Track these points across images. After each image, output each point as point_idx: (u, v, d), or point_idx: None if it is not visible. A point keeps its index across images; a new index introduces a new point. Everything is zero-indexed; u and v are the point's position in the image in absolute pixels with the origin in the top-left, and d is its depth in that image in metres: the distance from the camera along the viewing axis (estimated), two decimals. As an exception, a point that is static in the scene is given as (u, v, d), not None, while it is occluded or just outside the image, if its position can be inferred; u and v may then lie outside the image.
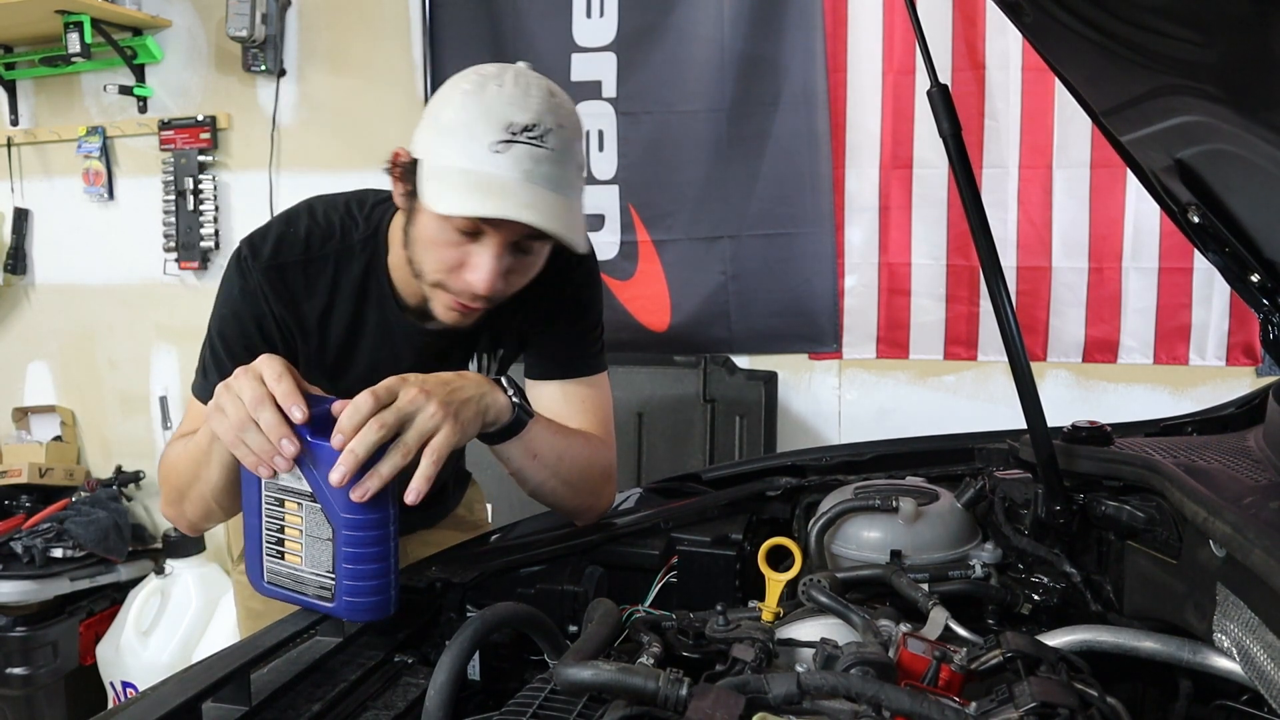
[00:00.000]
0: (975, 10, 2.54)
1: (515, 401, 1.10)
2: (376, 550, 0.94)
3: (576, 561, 1.15)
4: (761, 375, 2.71)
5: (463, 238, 1.11)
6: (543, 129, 1.07)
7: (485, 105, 1.07)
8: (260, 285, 1.20)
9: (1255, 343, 2.47)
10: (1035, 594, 1.08)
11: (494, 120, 1.06)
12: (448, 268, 1.13)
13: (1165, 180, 1.07)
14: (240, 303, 1.21)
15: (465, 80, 1.11)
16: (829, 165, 2.69)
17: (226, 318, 1.22)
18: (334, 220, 1.25)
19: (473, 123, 1.06)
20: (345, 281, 1.24)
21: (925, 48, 1.11)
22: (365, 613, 0.94)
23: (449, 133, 1.08)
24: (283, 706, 0.85)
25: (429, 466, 0.95)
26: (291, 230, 1.23)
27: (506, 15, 2.86)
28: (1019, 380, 1.06)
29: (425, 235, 1.13)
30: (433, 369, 1.31)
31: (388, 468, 0.92)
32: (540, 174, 1.07)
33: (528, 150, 1.06)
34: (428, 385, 0.99)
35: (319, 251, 1.23)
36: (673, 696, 0.69)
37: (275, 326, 1.22)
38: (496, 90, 1.08)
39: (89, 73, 3.33)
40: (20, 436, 3.56)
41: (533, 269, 1.18)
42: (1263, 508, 0.81)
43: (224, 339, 1.22)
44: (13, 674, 2.93)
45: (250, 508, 0.98)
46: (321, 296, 1.23)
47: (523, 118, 1.06)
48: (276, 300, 1.21)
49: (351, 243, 1.24)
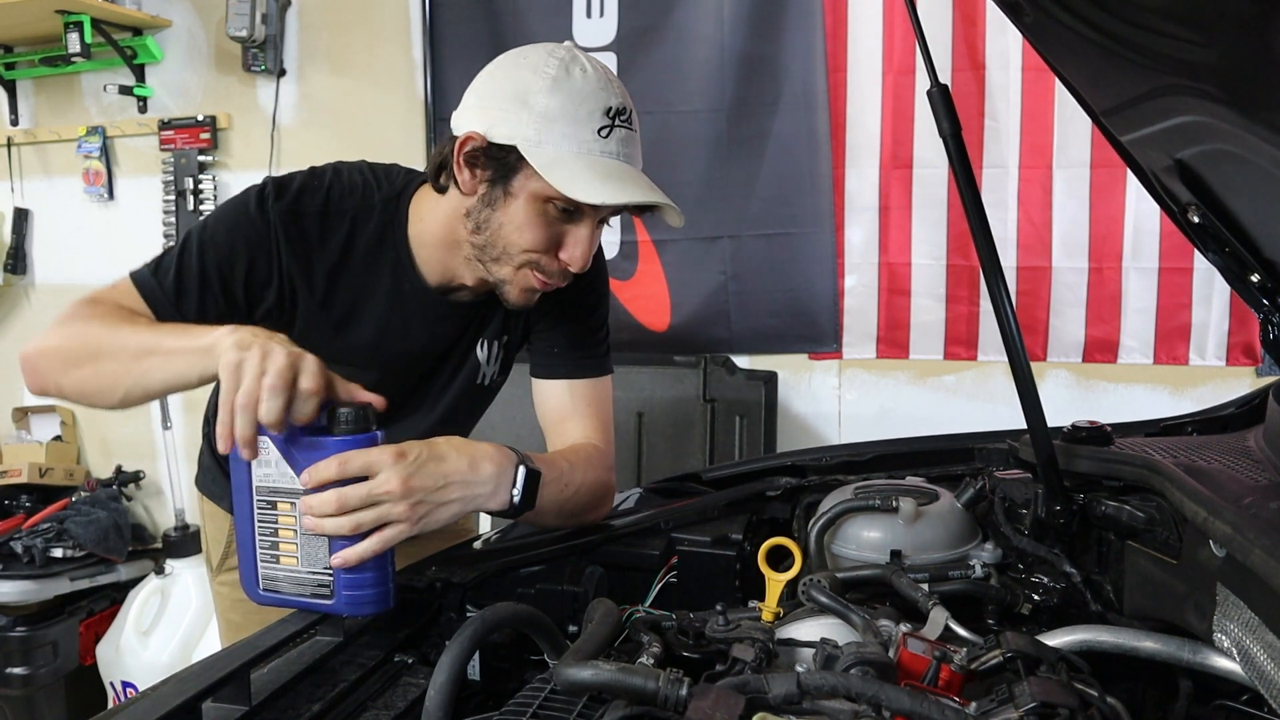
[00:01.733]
0: (975, 10, 2.54)
1: (517, 501, 1.08)
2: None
3: (576, 561, 1.15)
4: (761, 375, 2.71)
5: (562, 218, 1.15)
6: (628, 112, 1.14)
7: (580, 91, 1.11)
8: (275, 226, 1.18)
9: (1255, 343, 2.47)
10: (1035, 594, 1.08)
11: (594, 106, 1.11)
12: (544, 246, 1.16)
13: (1165, 180, 1.07)
14: (246, 231, 1.18)
15: (539, 67, 1.11)
16: (829, 165, 2.69)
17: (220, 236, 1.17)
18: (357, 180, 1.26)
19: (576, 108, 1.10)
20: (360, 240, 1.24)
21: (925, 48, 1.11)
22: (366, 606, 0.94)
23: (553, 120, 1.10)
24: (283, 706, 0.85)
25: (372, 544, 0.94)
26: (316, 182, 1.23)
27: (506, 15, 2.86)
28: (1019, 380, 1.06)
29: (519, 218, 1.15)
30: (442, 347, 1.33)
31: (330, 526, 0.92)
32: (633, 156, 1.14)
33: (625, 134, 1.13)
34: (413, 479, 0.96)
35: (338, 206, 1.23)
36: (673, 696, 0.69)
37: (273, 272, 1.19)
38: (581, 75, 1.12)
39: (89, 73, 3.34)
40: (20, 436, 3.56)
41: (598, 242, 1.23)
42: (1263, 508, 0.81)
43: (205, 252, 1.16)
44: (13, 674, 2.93)
45: (242, 516, 0.96)
46: (334, 252, 1.23)
47: (615, 102, 1.12)
48: (288, 246, 1.19)
49: (372, 202, 1.24)
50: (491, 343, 1.38)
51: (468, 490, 1.03)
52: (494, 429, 2.44)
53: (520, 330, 1.39)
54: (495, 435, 1.14)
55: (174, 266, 1.16)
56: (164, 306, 1.15)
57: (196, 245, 1.17)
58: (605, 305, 1.39)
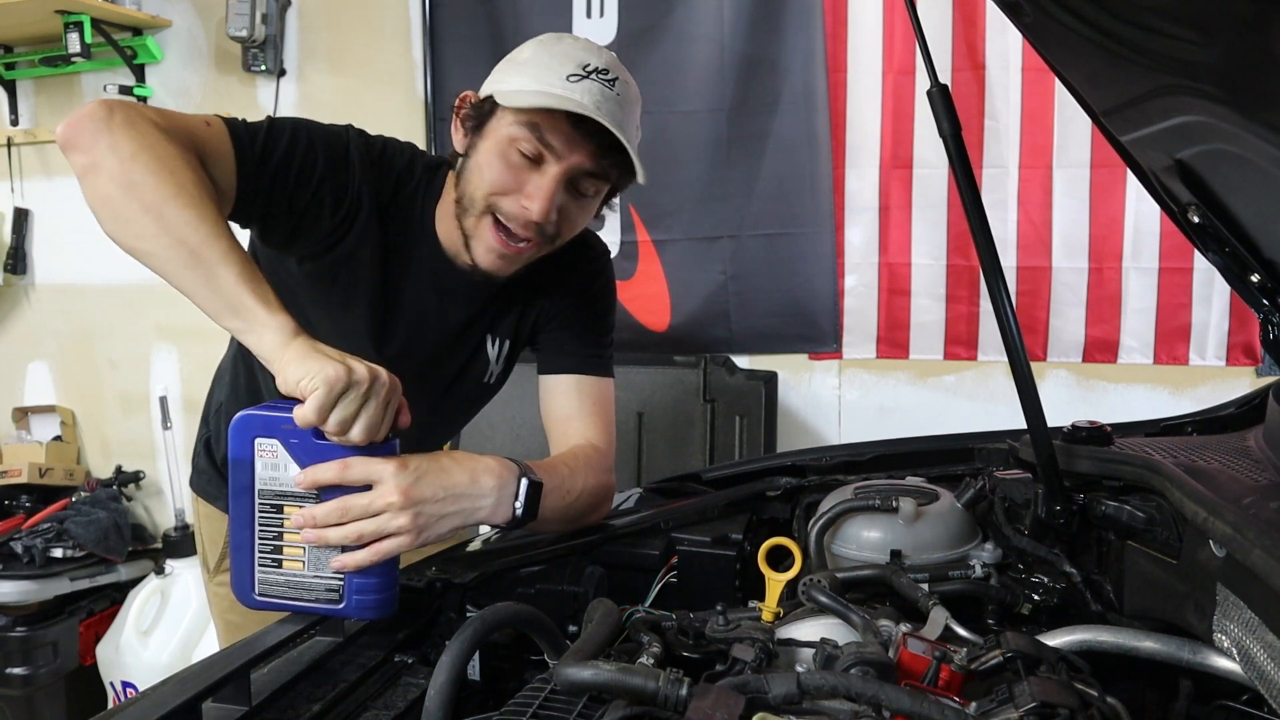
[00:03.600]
0: (975, 10, 2.54)
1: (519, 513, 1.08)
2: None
3: (576, 561, 1.15)
4: (761, 375, 2.71)
5: (525, 163, 1.16)
6: (612, 75, 1.16)
7: (562, 48, 1.17)
8: (355, 154, 1.21)
9: (1255, 343, 2.47)
10: (1035, 594, 1.08)
11: (569, 59, 1.14)
12: (505, 188, 1.17)
13: (1165, 180, 1.07)
14: (327, 137, 1.19)
15: (542, 37, 1.20)
16: (829, 165, 2.69)
17: (315, 134, 1.18)
18: (406, 147, 1.32)
19: (548, 58, 1.15)
20: (402, 194, 1.27)
21: (925, 48, 1.11)
22: (374, 610, 0.94)
23: (523, 66, 1.16)
24: (283, 706, 0.85)
25: (368, 554, 0.94)
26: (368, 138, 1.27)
27: (506, 15, 2.86)
28: (1019, 380, 1.06)
29: (485, 159, 1.17)
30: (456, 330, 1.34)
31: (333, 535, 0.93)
32: (607, 109, 1.14)
33: (598, 87, 1.14)
34: (414, 490, 0.96)
35: (390, 159, 1.27)
36: (673, 696, 0.69)
37: (350, 189, 1.20)
38: (572, 41, 1.19)
39: (89, 73, 3.34)
40: (20, 436, 3.56)
41: (579, 217, 1.24)
42: (1263, 508, 0.81)
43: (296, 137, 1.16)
44: (13, 674, 2.93)
45: (241, 521, 0.95)
46: (385, 194, 1.25)
47: (595, 61, 1.15)
48: (362, 167, 1.21)
49: (415, 167, 1.29)
50: (502, 341, 1.39)
51: (469, 504, 1.03)
52: (494, 429, 2.44)
53: (529, 332, 1.39)
54: (495, 435, 1.14)
55: (265, 130, 1.14)
56: (248, 163, 1.10)
57: (290, 130, 1.16)
58: (612, 308, 1.42)
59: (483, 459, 1.07)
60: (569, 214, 1.21)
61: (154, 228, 0.95)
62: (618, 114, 1.15)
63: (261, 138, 1.13)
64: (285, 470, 0.92)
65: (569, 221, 1.22)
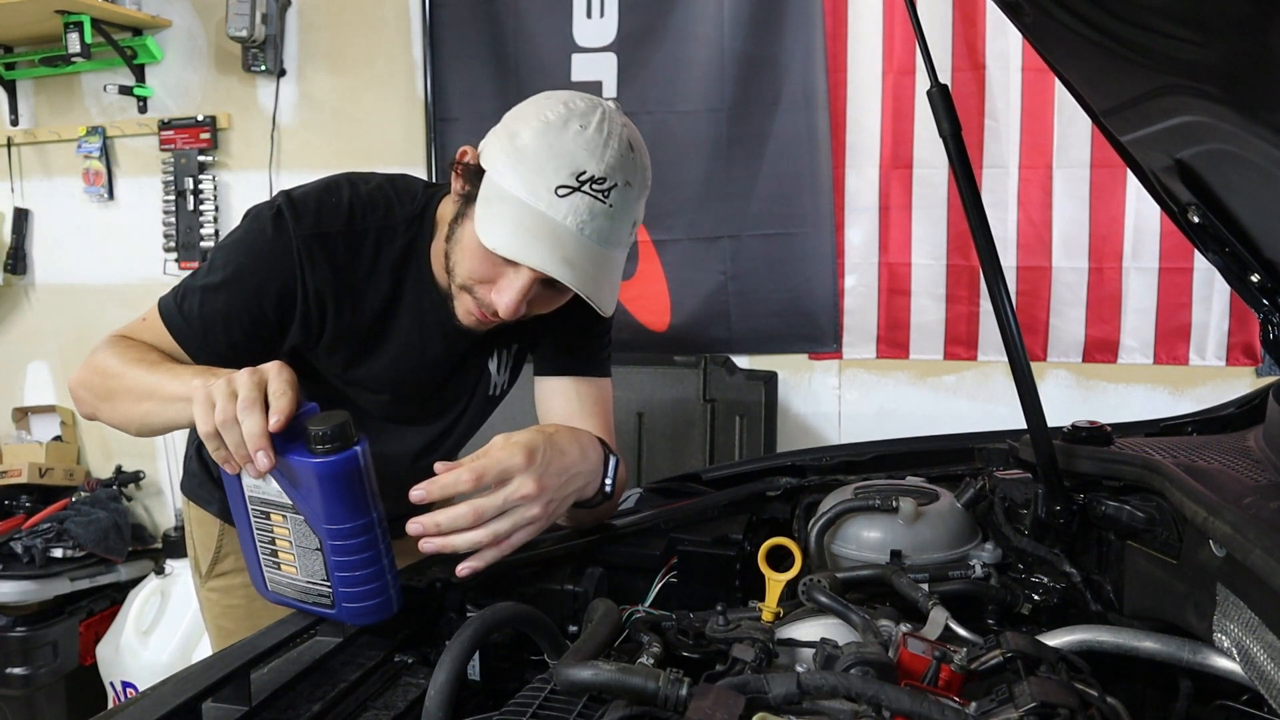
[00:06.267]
0: (975, 10, 2.54)
1: (608, 489, 1.10)
2: (366, 555, 0.92)
3: (576, 561, 1.15)
4: (761, 375, 2.72)
5: (501, 260, 1.10)
6: (609, 184, 1.07)
7: (563, 144, 1.06)
8: (298, 252, 1.16)
9: (1255, 343, 2.47)
10: (1035, 594, 1.08)
11: (566, 162, 1.05)
12: (479, 280, 1.14)
13: (1165, 180, 1.07)
14: (267, 268, 1.16)
15: (552, 109, 1.09)
16: (829, 165, 2.69)
17: (245, 269, 1.17)
18: (378, 197, 1.23)
19: (545, 158, 1.06)
20: (385, 258, 1.22)
21: (925, 48, 1.11)
22: (367, 615, 0.93)
23: (519, 159, 1.07)
24: (283, 706, 0.85)
25: (494, 554, 0.94)
26: (333, 199, 1.21)
27: (507, 15, 2.86)
28: (1019, 380, 1.06)
29: (469, 243, 1.13)
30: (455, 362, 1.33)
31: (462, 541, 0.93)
32: (593, 228, 1.07)
33: (589, 202, 1.06)
34: (545, 478, 0.97)
35: (360, 224, 1.21)
36: (673, 696, 0.69)
37: (304, 297, 1.18)
38: (578, 131, 1.07)
39: (89, 73, 3.34)
40: (20, 436, 3.56)
41: (557, 302, 1.19)
42: (1263, 508, 0.81)
43: (230, 287, 1.16)
44: (13, 674, 2.93)
45: (240, 520, 0.96)
46: (362, 269, 1.21)
47: (594, 169, 1.06)
48: (314, 270, 1.17)
49: (394, 220, 1.23)
50: (502, 352, 1.38)
51: (583, 481, 1.04)
52: (493, 427, 2.44)
53: (531, 336, 1.37)
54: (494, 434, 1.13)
55: (198, 303, 1.16)
56: (192, 343, 1.17)
57: (220, 280, 1.16)
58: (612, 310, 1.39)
59: (581, 434, 1.08)
60: (544, 305, 1.18)
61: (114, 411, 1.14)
62: (604, 229, 1.08)
63: (196, 317, 1.16)
64: (267, 480, 0.91)
65: (541, 306, 1.18)
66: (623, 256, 1.16)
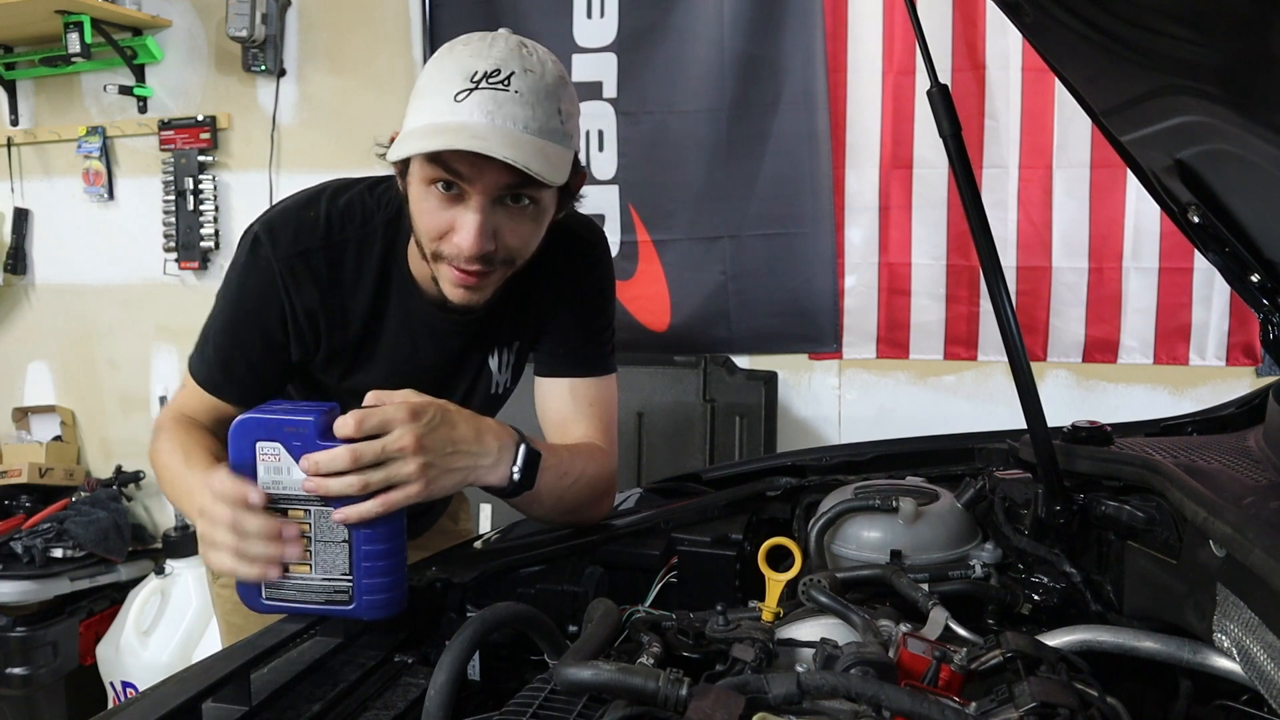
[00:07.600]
0: (975, 10, 2.54)
1: (516, 478, 1.08)
2: (393, 545, 0.94)
3: (576, 561, 1.15)
4: (761, 375, 2.71)
5: (446, 201, 1.08)
6: (506, 73, 1.05)
7: (449, 62, 1.07)
8: (281, 276, 1.18)
9: (1255, 343, 2.47)
10: (1035, 594, 1.08)
11: (457, 73, 1.05)
12: (438, 233, 1.10)
13: (1165, 180, 1.07)
14: (257, 298, 1.20)
15: (441, 48, 1.11)
16: (829, 165, 2.69)
17: (242, 314, 1.22)
18: (353, 203, 1.23)
19: (440, 81, 1.06)
20: (367, 266, 1.22)
21: (925, 48, 1.11)
22: (384, 609, 0.94)
23: (418, 96, 1.08)
24: (283, 706, 0.85)
25: (373, 507, 0.92)
26: (310, 214, 1.21)
27: (507, 16, 2.86)
28: (1019, 380, 1.06)
29: (415, 205, 1.12)
30: (451, 363, 1.32)
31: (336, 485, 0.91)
32: (505, 114, 1.03)
33: (490, 94, 1.03)
34: (426, 439, 0.96)
35: (339, 235, 1.21)
36: (673, 696, 0.69)
37: (294, 318, 1.20)
38: (462, 48, 1.08)
39: (89, 73, 3.33)
40: (20, 436, 3.56)
41: (528, 229, 1.13)
42: (1263, 508, 0.81)
43: (236, 331, 1.22)
44: (13, 674, 2.92)
45: None
46: (345, 281, 1.22)
47: (484, 65, 1.05)
48: (299, 291, 1.19)
49: (373, 226, 1.22)
50: (503, 350, 1.36)
51: (472, 460, 1.03)
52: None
53: (532, 334, 1.36)
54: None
55: (213, 348, 1.24)
56: (222, 388, 1.24)
57: (227, 326, 1.23)
58: (612, 306, 1.38)
59: (485, 419, 1.07)
60: (515, 231, 1.12)
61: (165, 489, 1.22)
62: (521, 115, 1.04)
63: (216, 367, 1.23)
64: (288, 473, 0.91)
65: (518, 238, 1.12)
66: (565, 146, 1.10)
